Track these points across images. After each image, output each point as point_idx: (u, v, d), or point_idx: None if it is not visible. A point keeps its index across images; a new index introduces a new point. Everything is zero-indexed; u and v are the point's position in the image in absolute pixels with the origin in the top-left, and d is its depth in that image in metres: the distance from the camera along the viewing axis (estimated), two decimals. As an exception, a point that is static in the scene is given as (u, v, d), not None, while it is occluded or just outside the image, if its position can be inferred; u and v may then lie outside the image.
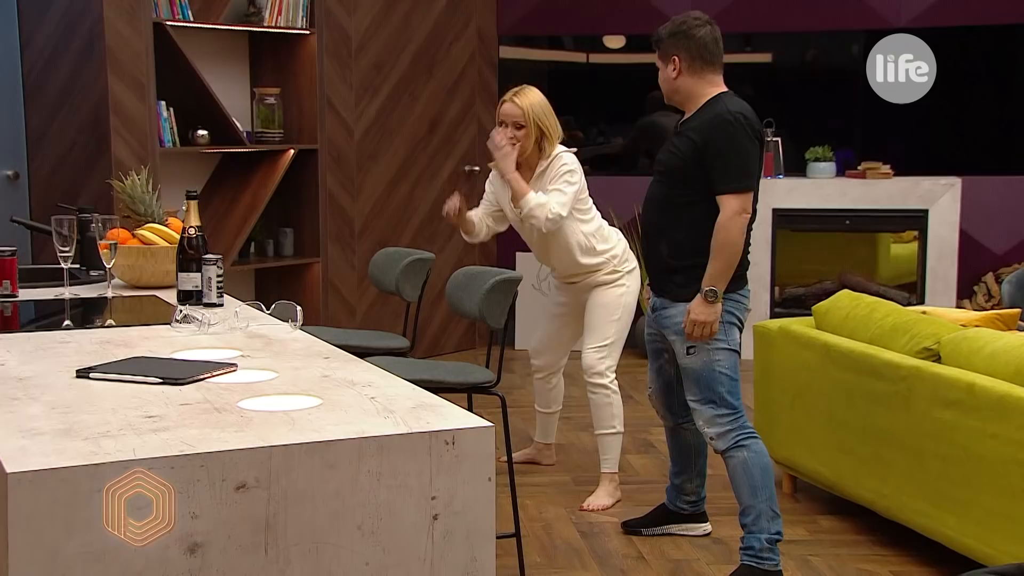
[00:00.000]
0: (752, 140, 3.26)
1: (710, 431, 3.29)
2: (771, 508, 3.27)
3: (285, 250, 5.84)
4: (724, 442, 3.28)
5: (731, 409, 3.27)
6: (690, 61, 3.31)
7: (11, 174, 5.46)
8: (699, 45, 3.31)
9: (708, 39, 3.33)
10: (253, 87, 5.79)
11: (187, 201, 2.92)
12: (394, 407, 1.83)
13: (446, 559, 1.69)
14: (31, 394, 1.92)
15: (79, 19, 5.03)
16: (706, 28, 3.34)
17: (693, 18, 3.36)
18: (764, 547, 3.26)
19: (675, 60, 3.32)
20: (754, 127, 3.28)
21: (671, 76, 3.35)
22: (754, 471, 3.26)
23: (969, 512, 3.21)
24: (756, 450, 3.28)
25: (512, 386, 5.66)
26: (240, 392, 1.94)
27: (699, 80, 3.32)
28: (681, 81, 3.33)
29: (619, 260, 4.06)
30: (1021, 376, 3.10)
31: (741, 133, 3.23)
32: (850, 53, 6.79)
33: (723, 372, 3.27)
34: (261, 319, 2.66)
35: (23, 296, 2.99)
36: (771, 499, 3.27)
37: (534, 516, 3.93)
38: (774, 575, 3.28)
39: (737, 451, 3.27)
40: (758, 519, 3.26)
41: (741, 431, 3.27)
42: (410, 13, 6.17)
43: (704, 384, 3.28)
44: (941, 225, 6.31)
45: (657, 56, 3.40)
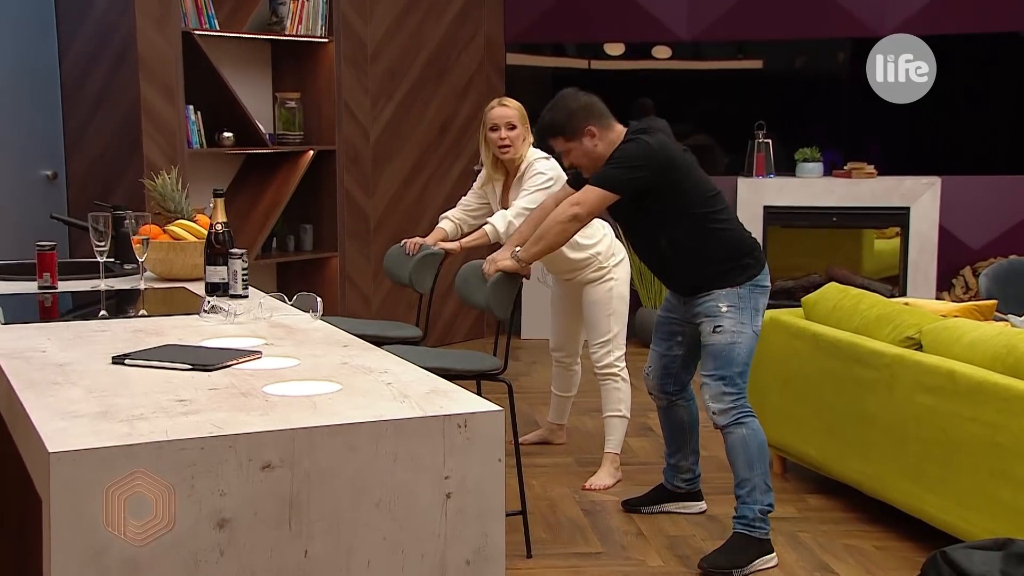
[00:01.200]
0: (647, 158, 3.23)
1: (715, 406, 3.29)
2: (764, 482, 3.29)
3: (305, 245, 5.85)
4: (725, 418, 3.28)
5: (737, 389, 3.29)
6: (599, 124, 3.32)
7: (50, 174, 5.46)
8: (596, 108, 3.34)
9: (594, 99, 3.36)
10: (275, 92, 5.79)
11: (214, 199, 2.92)
12: (409, 392, 1.83)
13: (459, 535, 1.70)
14: (70, 379, 1.92)
15: (113, 29, 5.03)
16: (584, 94, 3.37)
17: (570, 93, 3.38)
18: (756, 517, 3.28)
19: (590, 131, 3.31)
20: (654, 143, 3.25)
21: (594, 146, 3.32)
22: (751, 446, 3.28)
23: (948, 490, 3.21)
24: (754, 428, 3.29)
25: (519, 373, 5.66)
26: (265, 378, 1.94)
27: (610, 132, 3.33)
28: (602, 144, 3.32)
29: (604, 256, 4.01)
30: (997, 363, 3.10)
31: (634, 146, 3.24)
32: (836, 60, 6.78)
33: (741, 354, 3.28)
34: (284, 309, 2.66)
35: (62, 288, 3.00)
36: (765, 474, 3.29)
37: (540, 495, 3.93)
38: (764, 543, 3.30)
39: (737, 428, 3.28)
40: (752, 491, 3.28)
41: (742, 410, 3.29)
42: (422, 22, 6.16)
43: (722, 361, 3.28)
44: (922, 222, 6.30)
45: (565, 141, 3.34)
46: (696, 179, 3.31)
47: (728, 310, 3.28)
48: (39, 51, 5.32)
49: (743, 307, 3.29)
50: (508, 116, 3.93)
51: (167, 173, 3.38)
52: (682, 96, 6.79)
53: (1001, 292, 4.64)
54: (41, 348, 2.18)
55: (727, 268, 3.30)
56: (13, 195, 5.09)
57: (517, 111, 3.94)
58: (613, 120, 3.36)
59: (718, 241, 3.30)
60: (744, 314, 3.29)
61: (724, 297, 3.29)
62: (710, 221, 3.29)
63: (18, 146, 5.35)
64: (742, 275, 3.30)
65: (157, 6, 4.92)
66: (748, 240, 3.37)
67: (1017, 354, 3.05)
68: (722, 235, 3.31)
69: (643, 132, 3.27)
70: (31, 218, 5.02)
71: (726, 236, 3.32)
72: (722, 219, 3.32)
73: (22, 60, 5.29)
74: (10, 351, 2.14)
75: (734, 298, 3.29)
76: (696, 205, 3.28)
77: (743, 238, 3.36)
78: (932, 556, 2.39)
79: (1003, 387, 3.02)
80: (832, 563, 3.33)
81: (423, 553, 1.67)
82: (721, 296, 3.29)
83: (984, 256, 6.54)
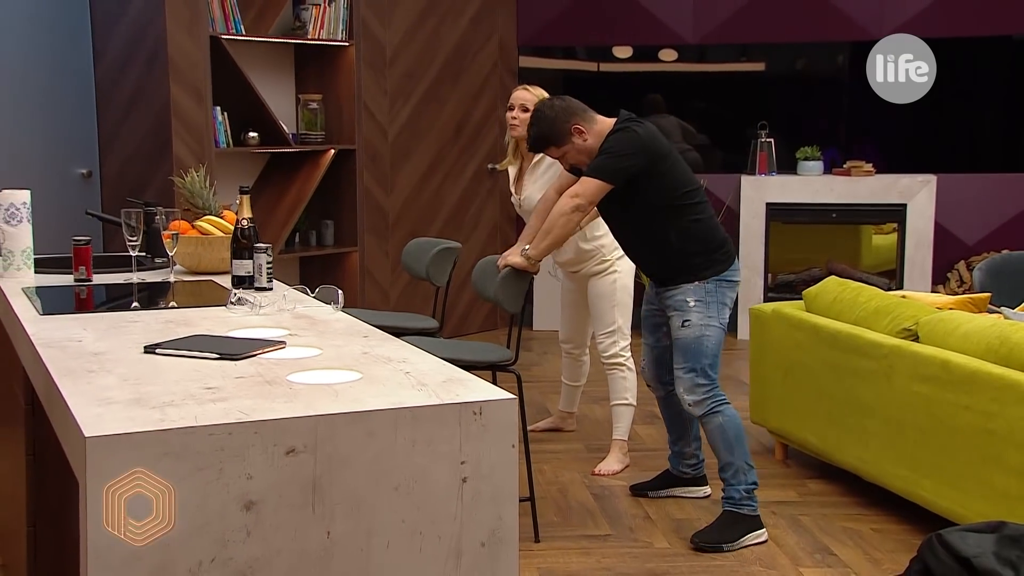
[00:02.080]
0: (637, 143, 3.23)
1: (689, 397, 3.31)
2: (746, 462, 3.31)
3: (326, 240, 5.85)
4: (700, 408, 3.30)
5: (709, 380, 3.30)
6: (582, 119, 3.29)
7: (85, 172, 5.48)
8: (573, 106, 3.32)
9: (567, 100, 3.34)
10: (298, 94, 5.79)
11: (240, 196, 2.92)
12: (427, 381, 1.83)
13: (474, 517, 1.69)
14: (105, 367, 1.92)
15: (145, 34, 5.03)
16: (557, 98, 3.36)
17: (545, 104, 3.36)
18: (743, 496, 3.31)
19: (577, 129, 3.28)
20: (643, 133, 3.24)
21: (584, 141, 3.29)
22: (729, 433, 3.29)
23: (943, 476, 3.19)
24: (729, 415, 3.30)
25: (530, 363, 5.65)
26: (289, 367, 1.94)
27: (594, 124, 3.30)
28: (591, 137, 3.29)
29: (608, 249, 3.99)
30: (991, 354, 3.08)
31: (624, 136, 3.23)
32: (836, 62, 6.74)
33: (709, 346, 3.29)
34: (306, 302, 2.66)
35: (96, 280, 3.01)
36: (745, 454, 3.31)
37: (551, 480, 3.93)
38: (753, 519, 3.31)
39: (713, 416, 3.29)
40: (736, 473, 3.30)
41: (715, 399, 3.30)
42: (439, 26, 6.15)
43: (692, 354, 3.29)
44: (918, 218, 6.27)
45: (557, 148, 3.32)
46: (679, 172, 3.30)
47: (695, 304, 3.28)
48: (75, 56, 5.33)
49: (710, 301, 3.29)
50: (524, 99, 3.93)
51: (196, 171, 3.39)
52: (687, 97, 6.77)
53: (994, 285, 4.61)
54: (77, 338, 2.19)
55: (696, 261, 3.29)
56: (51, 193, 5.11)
57: (536, 97, 3.90)
58: (593, 112, 3.34)
59: (690, 233, 3.29)
60: (711, 308, 3.29)
61: (692, 292, 3.29)
62: (686, 213, 3.28)
63: (55, 146, 5.37)
64: (709, 269, 3.30)
65: (187, 12, 4.93)
66: (720, 235, 3.36)
67: (1010, 345, 3.03)
68: (695, 227, 3.30)
69: (632, 121, 3.26)
70: (67, 214, 5.04)
71: (698, 229, 3.30)
72: (697, 213, 3.31)
73: (59, 64, 5.31)
74: (48, 341, 2.15)
75: (701, 293, 3.29)
76: (675, 197, 3.27)
77: (715, 233, 3.35)
78: (928, 539, 2.38)
79: (996, 377, 3.00)
80: (832, 545, 3.32)
81: (440, 535, 1.67)
82: (689, 291, 3.29)
83: (978, 251, 6.50)
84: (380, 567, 1.63)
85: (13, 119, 5.23)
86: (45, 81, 5.28)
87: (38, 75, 5.25)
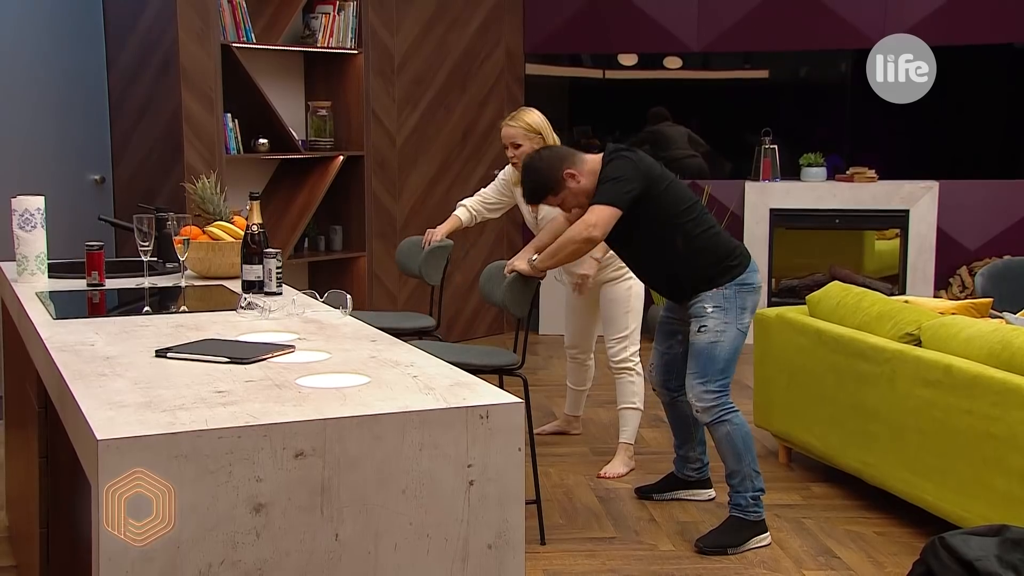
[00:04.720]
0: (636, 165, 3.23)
1: (698, 404, 3.30)
2: (753, 469, 3.30)
3: (335, 245, 5.86)
4: (708, 415, 3.29)
5: (718, 387, 3.29)
6: (572, 162, 3.28)
7: (98, 178, 5.50)
8: (560, 152, 3.35)
9: (552, 148, 3.41)
10: (307, 101, 5.80)
11: (250, 201, 2.93)
12: (434, 385, 1.83)
13: (481, 520, 1.69)
14: (116, 371, 1.93)
15: (157, 42, 5.05)
16: (545, 149, 3.41)
17: (533, 157, 3.38)
18: (750, 503, 3.30)
19: (569, 174, 3.27)
20: (635, 159, 3.26)
21: (579, 184, 3.28)
22: (737, 440, 3.28)
23: (946, 479, 3.18)
24: (737, 422, 3.29)
25: (536, 367, 5.65)
26: (297, 371, 1.94)
27: (584, 164, 3.29)
28: (584, 177, 3.28)
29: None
30: (993, 358, 3.07)
31: (620, 163, 3.23)
32: (839, 69, 6.74)
33: (722, 353, 3.27)
34: (315, 306, 2.66)
35: (109, 285, 3.01)
36: (753, 461, 3.30)
37: (557, 483, 3.93)
38: (758, 524, 3.31)
39: (721, 424, 3.28)
40: (743, 480, 3.30)
41: (724, 407, 3.28)
42: (446, 34, 6.16)
43: (703, 360, 3.28)
44: (920, 224, 6.26)
45: (555, 197, 3.31)
46: (675, 190, 3.30)
47: (713, 310, 3.27)
48: (88, 64, 5.35)
49: (728, 307, 3.28)
50: (510, 136, 3.93)
51: (206, 177, 3.39)
52: (692, 104, 6.77)
53: (996, 291, 4.60)
54: (90, 342, 2.19)
55: (711, 273, 3.29)
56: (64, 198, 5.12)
57: (521, 129, 3.90)
58: (580, 153, 3.35)
59: (697, 248, 3.29)
60: (729, 314, 3.28)
61: (710, 298, 3.29)
62: (688, 229, 3.28)
63: (69, 153, 5.39)
64: (725, 276, 3.29)
65: (198, 20, 4.94)
66: (729, 243, 3.35)
67: (1012, 350, 3.02)
68: (700, 241, 3.29)
69: (622, 149, 3.28)
70: (80, 220, 5.05)
71: (704, 242, 3.30)
72: (700, 227, 3.30)
73: (72, 72, 5.32)
74: (61, 344, 2.15)
75: (719, 299, 3.28)
76: (675, 215, 3.27)
77: (722, 242, 3.34)
78: (931, 541, 2.37)
79: (998, 381, 2.99)
80: (835, 548, 3.31)
81: (447, 537, 1.67)
82: (708, 297, 3.29)
83: (980, 256, 6.49)
84: (388, 569, 1.63)
85: (28, 126, 5.25)
86: (59, 89, 5.29)
87: (52, 83, 5.27)
